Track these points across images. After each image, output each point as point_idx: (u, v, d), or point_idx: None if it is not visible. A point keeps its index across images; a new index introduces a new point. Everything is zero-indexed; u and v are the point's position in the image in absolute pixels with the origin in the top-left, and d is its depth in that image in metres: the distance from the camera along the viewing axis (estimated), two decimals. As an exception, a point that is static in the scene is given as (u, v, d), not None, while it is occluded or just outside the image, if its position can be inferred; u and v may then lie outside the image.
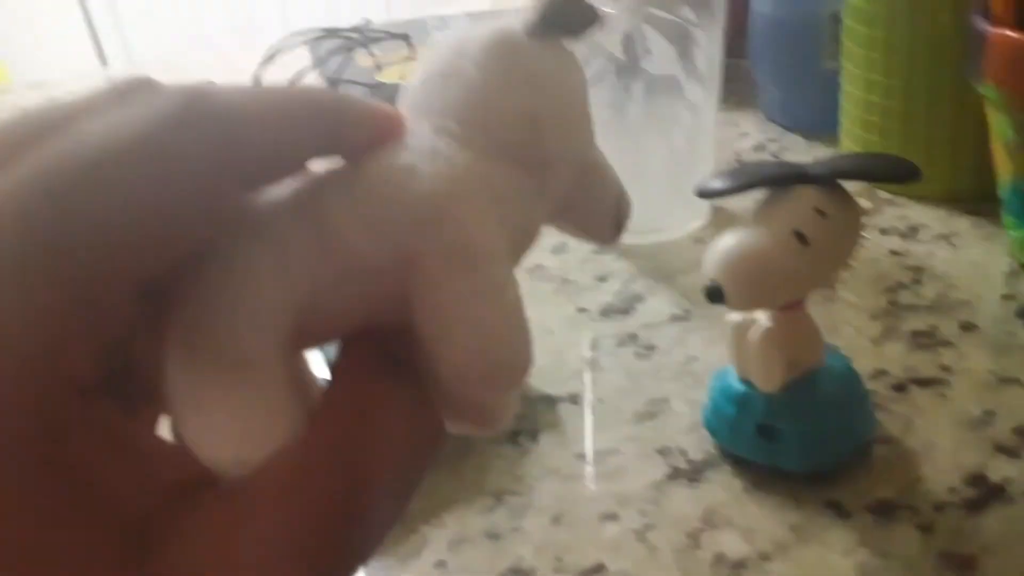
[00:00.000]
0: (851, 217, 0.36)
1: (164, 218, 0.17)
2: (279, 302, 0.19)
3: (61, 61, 1.92)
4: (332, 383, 0.20)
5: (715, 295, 0.36)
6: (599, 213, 0.25)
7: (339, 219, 0.19)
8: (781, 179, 0.36)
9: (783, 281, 0.35)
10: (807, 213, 0.35)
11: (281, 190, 0.20)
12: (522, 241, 0.22)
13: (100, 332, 0.17)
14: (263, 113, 0.19)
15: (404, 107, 0.22)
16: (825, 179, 0.36)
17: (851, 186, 0.37)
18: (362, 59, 0.90)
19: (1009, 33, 0.42)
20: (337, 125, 0.20)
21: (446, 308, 0.19)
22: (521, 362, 0.20)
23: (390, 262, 0.19)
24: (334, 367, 0.20)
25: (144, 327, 0.19)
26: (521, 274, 0.21)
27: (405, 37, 0.93)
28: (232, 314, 0.19)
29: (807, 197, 0.35)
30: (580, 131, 0.23)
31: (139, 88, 0.19)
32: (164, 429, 0.19)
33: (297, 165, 0.20)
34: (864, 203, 0.37)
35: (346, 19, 1.00)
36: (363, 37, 0.91)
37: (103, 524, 0.16)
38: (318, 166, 0.21)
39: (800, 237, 0.35)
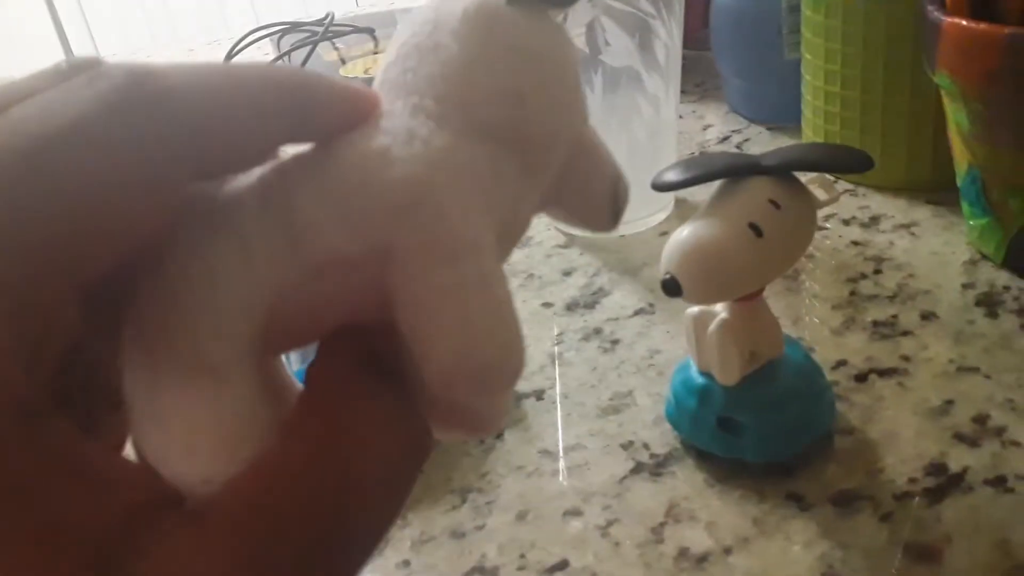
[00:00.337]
0: (805, 208, 0.36)
1: (106, 212, 0.16)
2: (245, 302, 0.18)
3: (28, 59, 1.91)
4: (307, 388, 0.18)
5: (671, 288, 0.36)
6: (594, 198, 0.23)
7: (308, 209, 0.18)
8: (734, 171, 0.36)
9: (738, 273, 0.35)
10: (761, 205, 0.35)
11: (245, 178, 0.19)
12: (510, 230, 0.21)
13: (41, 346, 0.15)
14: (219, 95, 0.17)
15: (378, 83, 0.21)
16: (778, 170, 0.36)
17: (810, 177, 0.38)
18: (326, 53, 0.89)
19: (962, 22, 0.43)
20: (304, 107, 0.18)
21: (427, 304, 0.18)
22: (511, 362, 0.19)
23: (365, 255, 0.18)
24: (309, 371, 0.18)
25: (101, 334, 0.18)
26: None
27: (370, 31, 0.93)
28: (193, 318, 0.17)
29: (761, 189, 0.35)
30: (570, 108, 0.22)
31: (82, 69, 0.17)
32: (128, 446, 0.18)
33: (261, 152, 0.19)
34: (820, 194, 0.37)
35: (319, 12, 0.99)
36: (327, 31, 0.90)
37: (57, 550, 0.15)
38: (286, 151, 0.20)
39: (755, 229, 0.35)
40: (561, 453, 0.43)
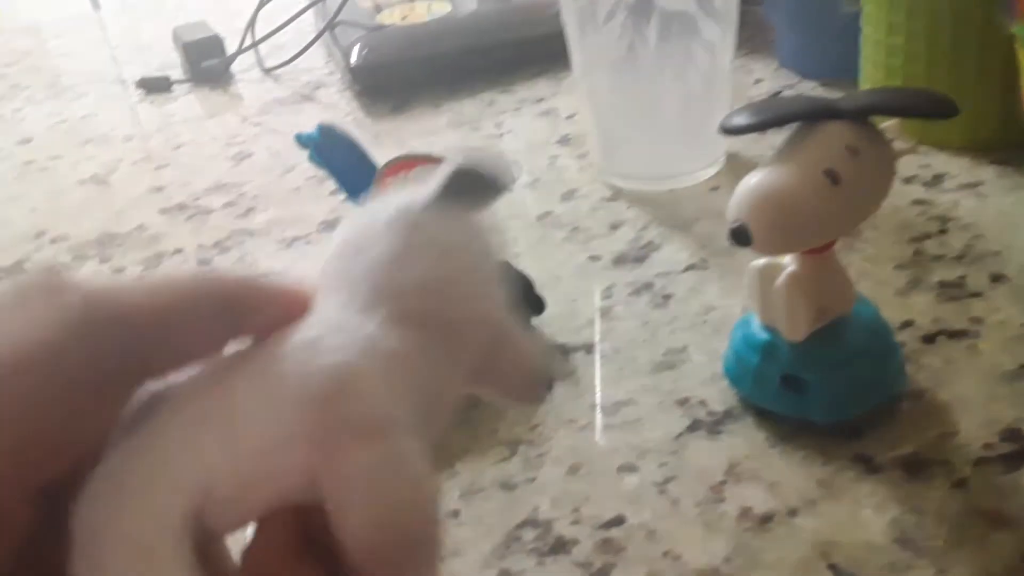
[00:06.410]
0: (884, 156, 0.34)
1: (64, 423, 0.17)
2: (185, 484, 0.19)
3: (54, 3, 1.89)
4: (244, 572, 0.20)
5: (741, 236, 0.34)
6: (517, 376, 0.25)
7: (241, 399, 0.20)
8: (810, 114, 0.34)
9: (813, 222, 0.34)
10: (838, 151, 0.33)
11: (185, 375, 0.21)
12: (435, 409, 0.22)
13: None
14: (164, 312, 0.19)
15: (321, 274, 0.23)
16: (857, 115, 0.34)
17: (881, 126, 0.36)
18: (362, 1, 0.87)
19: (1051, -34, 0.40)
20: (240, 312, 0.21)
21: (346, 480, 0.19)
22: (427, 536, 0.20)
23: (294, 439, 0.19)
24: (246, 552, 0.20)
25: (48, 533, 0.19)
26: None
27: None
28: (137, 505, 0.18)
29: (838, 134, 0.34)
30: (486, 295, 0.24)
31: (39, 289, 0.19)
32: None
33: (200, 355, 0.20)
34: (898, 145, 0.35)
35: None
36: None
37: None
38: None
39: (831, 176, 0.33)
40: (613, 409, 0.42)
